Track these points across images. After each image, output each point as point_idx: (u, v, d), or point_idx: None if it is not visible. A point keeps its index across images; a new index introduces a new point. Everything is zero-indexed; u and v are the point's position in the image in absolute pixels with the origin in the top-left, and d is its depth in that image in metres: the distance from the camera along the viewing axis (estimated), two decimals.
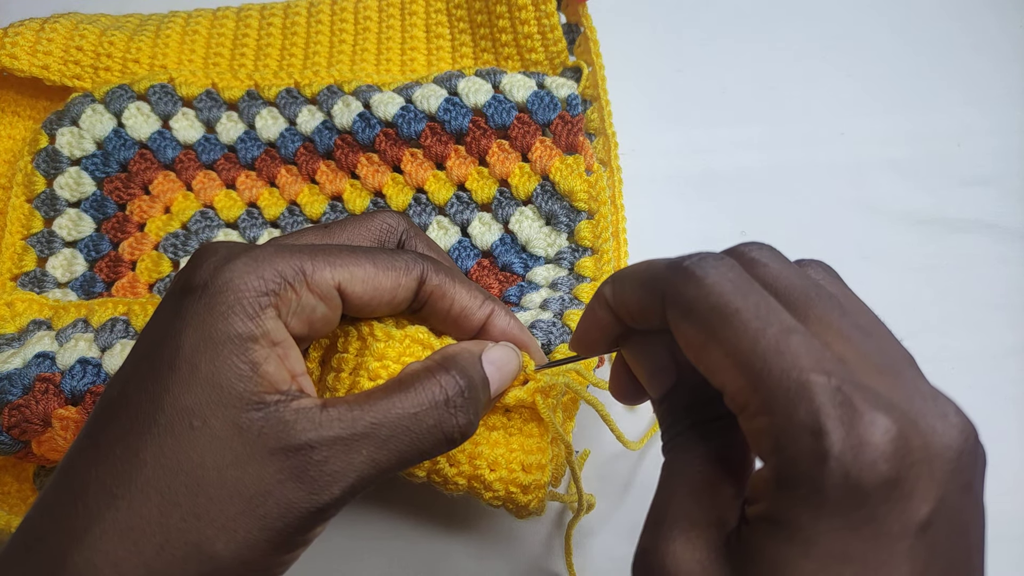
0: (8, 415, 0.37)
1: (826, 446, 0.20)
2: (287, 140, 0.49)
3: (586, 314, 0.30)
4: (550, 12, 0.48)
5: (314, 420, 0.26)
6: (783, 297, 0.24)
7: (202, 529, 0.24)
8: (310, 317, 0.28)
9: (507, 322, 0.33)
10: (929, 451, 0.21)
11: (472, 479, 0.34)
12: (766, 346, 0.22)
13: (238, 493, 0.25)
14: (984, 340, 0.48)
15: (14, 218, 0.47)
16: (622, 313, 0.28)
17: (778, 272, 0.25)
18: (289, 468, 0.25)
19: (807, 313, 0.24)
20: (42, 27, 0.49)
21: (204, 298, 0.26)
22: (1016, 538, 0.42)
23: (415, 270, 0.30)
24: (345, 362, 0.32)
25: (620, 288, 0.28)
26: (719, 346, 0.23)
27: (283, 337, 0.27)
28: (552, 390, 0.34)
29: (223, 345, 0.26)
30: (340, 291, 0.28)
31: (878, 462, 0.20)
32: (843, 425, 0.21)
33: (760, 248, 0.26)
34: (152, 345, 0.27)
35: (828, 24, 0.56)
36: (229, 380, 0.25)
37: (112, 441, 0.25)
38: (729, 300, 0.23)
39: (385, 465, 0.27)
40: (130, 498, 0.24)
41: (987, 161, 0.52)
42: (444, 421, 0.28)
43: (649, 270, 0.26)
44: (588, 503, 0.38)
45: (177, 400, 0.25)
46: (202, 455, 0.25)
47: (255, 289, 0.26)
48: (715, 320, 0.23)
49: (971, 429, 0.22)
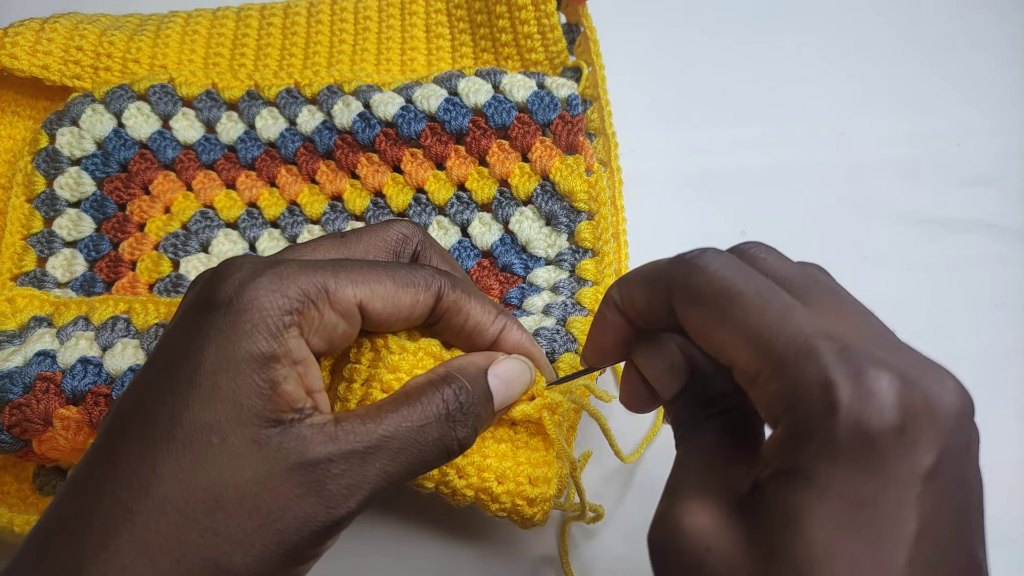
0: (9, 414, 0.37)
1: (836, 397, 0.22)
2: (287, 140, 0.49)
3: (596, 321, 0.31)
4: (550, 12, 0.48)
5: (330, 435, 0.26)
6: (783, 285, 0.26)
7: (219, 545, 0.24)
8: (331, 334, 0.28)
9: (519, 337, 0.33)
10: (931, 407, 0.22)
11: (480, 491, 0.34)
12: (772, 317, 0.24)
13: (257, 509, 0.25)
14: (984, 340, 0.48)
15: (14, 218, 0.47)
16: (631, 313, 0.29)
17: (776, 264, 0.27)
18: (308, 483, 0.25)
19: (807, 298, 0.25)
20: (42, 27, 0.49)
21: (228, 316, 0.26)
22: (1016, 539, 0.42)
23: (433, 286, 0.30)
24: (357, 373, 0.31)
25: (627, 288, 0.29)
26: (727, 325, 0.25)
27: (304, 356, 0.27)
28: (559, 407, 0.34)
29: (245, 364, 0.26)
30: (361, 308, 0.29)
31: (885, 410, 0.22)
32: (850, 378, 0.22)
33: (758, 246, 0.28)
34: (172, 359, 0.27)
35: (828, 24, 0.56)
36: (249, 398, 0.25)
37: (128, 455, 0.25)
38: (733, 283, 0.25)
39: (396, 477, 0.27)
40: (147, 513, 0.24)
41: (987, 161, 0.52)
42: (445, 434, 0.28)
43: (654, 267, 0.28)
44: (596, 512, 0.38)
45: (196, 416, 0.25)
46: (220, 471, 0.25)
47: (279, 308, 0.26)
48: (722, 301, 0.25)
49: (968, 398, 0.23)
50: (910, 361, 0.23)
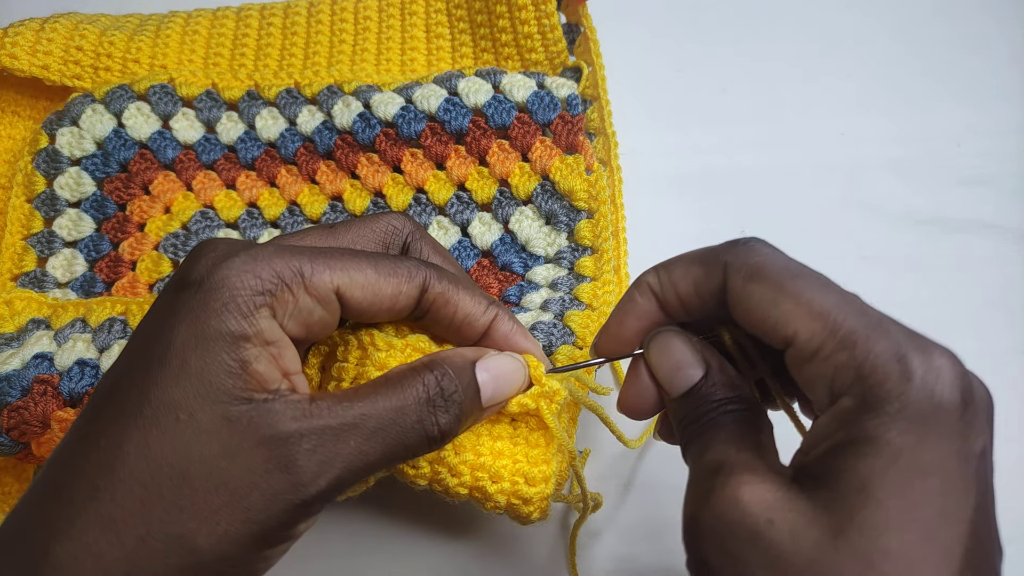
0: (8, 417, 0.37)
1: (912, 368, 0.24)
2: (287, 140, 0.49)
3: (621, 307, 0.31)
4: (550, 12, 0.48)
5: (303, 411, 0.26)
6: None
7: (184, 522, 0.24)
8: (307, 320, 0.28)
9: (510, 327, 0.33)
10: (978, 394, 0.24)
11: (474, 489, 0.34)
12: (837, 297, 0.26)
13: (223, 484, 0.25)
14: (984, 340, 0.48)
15: (14, 218, 0.47)
16: (669, 296, 0.30)
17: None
18: (276, 458, 0.25)
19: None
20: (42, 27, 0.49)
21: (199, 294, 0.26)
22: (1016, 539, 0.42)
23: (417, 278, 0.30)
24: (345, 371, 0.31)
25: (669, 272, 0.30)
26: (790, 300, 0.26)
27: (277, 337, 0.27)
28: (556, 395, 0.34)
29: (214, 341, 0.26)
30: (339, 295, 0.28)
31: (953, 385, 0.24)
32: (921, 353, 0.24)
33: (758, 242, 0.29)
34: (145, 339, 0.27)
35: (828, 24, 0.56)
36: (218, 376, 0.25)
37: (98, 433, 0.25)
38: (791, 263, 0.27)
39: (371, 458, 0.27)
40: (112, 490, 0.24)
41: (987, 161, 0.52)
42: (425, 419, 0.28)
43: (703, 251, 0.29)
44: (595, 501, 0.38)
45: (164, 393, 0.25)
46: (187, 447, 0.25)
47: (251, 288, 0.26)
48: (786, 277, 0.26)
49: (991, 399, 0.25)
50: (948, 352, 0.25)
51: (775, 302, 0.26)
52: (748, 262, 0.27)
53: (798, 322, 0.26)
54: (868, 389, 0.24)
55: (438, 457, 0.33)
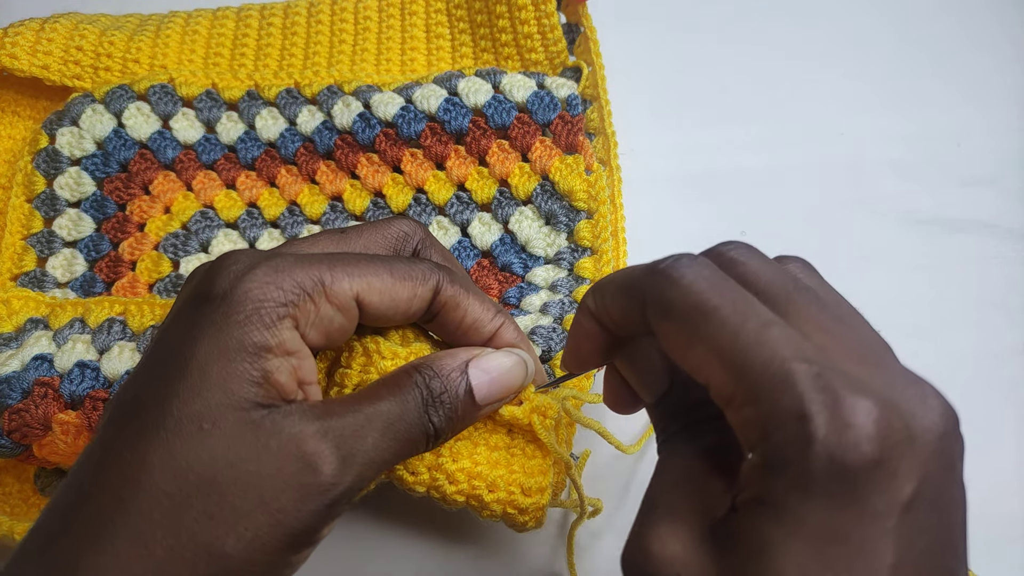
0: (8, 419, 0.37)
1: (811, 430, 0.21)
2: (287, 140, 0.49)
3: (573, 328, 0.30)
4: (550, 12, 0.48)
5: (321, 411, 0.27)
6: (762, 293, 0.24)
7: (212, 529, 0.24)
8: (327, 328, 0.28)
9: (514, 337, 0.33)
10: (911, 432, 0.21)
11: (470, 498, 0.34)
12: (746, 339, 0.22)
13: (253, 487, 0.25)
14: (984, 340, 0.48)
15: (14, 218, 0.47)
16: (606, 321, 0.28)
17: (756, 269, 0.25)
18: (303, 457, 0.25)
19: (786, 308, 0.24)
20: (42, 27, 0.49)
21: (222, 307, 0.26)
22: (1016, 539, 0.42)
23: (431, 280, 0.30)
24: (348, 377, 0.31)
25: (601, 297, 0.28)
26: (701, 343, 0.23)
27: (298, 347, 0.27)
28: (549, 409, 0.34)
29: (236, 353, 0.26)
30: (358, 301, 0.29)
31: (862, 443, 0.21)
32: (826, 409, 0.21)
33: (737, 247, 0.26)
34: (167, 351, 0.27)
35: (828, 24, 0.56)
36: (240, 384, 0.26)
37: (121, 446, 0.25)
38: (707, 298, 0.23)
39: (388, 453, 0.27)
40: (139, 502, 0.24)
41: (987, 161, 0.52)
42: (423, 417, 0.29)
43: (628, 276, 0.27)
44: (595, 507, 0.38)
45: (186, 405, 0.25)
46: (213, 454, 0.25)
47: (274, 300, 0.27)
48: (695, 318, 0.23)
49: (951, 413, 0.22)
50: (891, 381, 0.22)
51: (687, 346, 0.24)
52: (662, 297, 0.24)
53: (708, 369, 0.23)
54: (770, 451, 0.22)
55: (436, 464, 0.33)
